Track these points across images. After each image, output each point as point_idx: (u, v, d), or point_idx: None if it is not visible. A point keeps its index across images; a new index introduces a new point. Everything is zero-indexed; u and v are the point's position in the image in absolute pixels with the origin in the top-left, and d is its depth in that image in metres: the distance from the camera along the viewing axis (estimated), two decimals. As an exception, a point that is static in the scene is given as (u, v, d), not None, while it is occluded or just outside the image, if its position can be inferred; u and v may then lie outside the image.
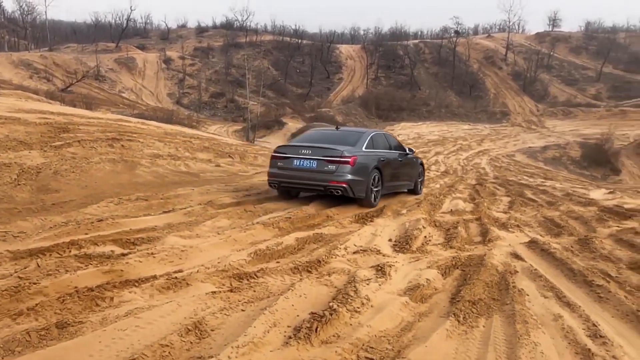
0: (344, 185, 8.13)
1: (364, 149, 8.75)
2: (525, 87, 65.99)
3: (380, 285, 4.50)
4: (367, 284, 4.43)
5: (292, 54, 68.36)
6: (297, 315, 3.73)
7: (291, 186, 8.49)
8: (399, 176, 10.08)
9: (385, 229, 6.86)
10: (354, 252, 5.49)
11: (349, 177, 8.18)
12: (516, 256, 5.71)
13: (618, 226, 7.73)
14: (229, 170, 13.93)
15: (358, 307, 3.95)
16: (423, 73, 70.38)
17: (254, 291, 4.20)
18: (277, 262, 5.03)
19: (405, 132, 46.42)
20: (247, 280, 4.40)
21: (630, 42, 75.06)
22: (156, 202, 7.54)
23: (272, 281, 4.45)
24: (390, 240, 6.34)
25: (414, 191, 11.06)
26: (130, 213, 6.70)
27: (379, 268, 4.90)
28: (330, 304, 3.89)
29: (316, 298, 4.10)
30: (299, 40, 74.72)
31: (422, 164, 11.81)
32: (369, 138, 9.10)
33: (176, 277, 4.24)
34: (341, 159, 8.16)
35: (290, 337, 3.39)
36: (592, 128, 47.69)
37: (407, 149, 10.71)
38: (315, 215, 7.42)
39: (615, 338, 3.73)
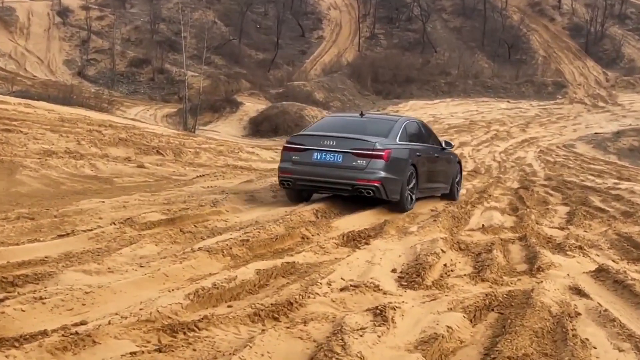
0: (377, 184, 9.42)
1: (397, 140, 10.17)
2: (588, 47, 67.13)
3: (379, 336, 4.50)
4: (361, 336, 4.43)
5: (249, 3, 68.31)
6: (258, 384, 3.71)
7: (309, 185, 9.87)
8: (435, 176, 11.53)
9: (386, 254, 6.90)
10: (342, 289, 5.50)
11: (383, 174, 9.49)
12: (578, 291, 5.78)
13: None
14: (158, 172, 13.88)
15: (348, 370, 3.94)
16: (440, 28, 71.08)
17: (194, 350, 4.16)
18: (229, 307, 5.00)
19: (415, 114, 46.70)
20: (184, 333, 4.37)
21: None
22: (47, 221, 7.45)
23: (221, 334, 4.42)
24: (394, 270, 6.37)
25: (449, 196, 12.41)
26: (8, 239, 6.60)
27: (378, 312, 4.90)
28: (307, 366, 3.88)
29: (286, 357, 4.08)
30: (259, -19, 74.77)
31: (459, 162, 13.15)
32: (402, 127, 10.50)
33: (77, 333, 4.18)
34: (373, 153, 9.50)
35: (247, 417, 3.36)
36: (685, 105, 48.81)
37: (443, 142, 12.00)
38: (285, 235, 7.43)
39: None
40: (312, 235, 7.76)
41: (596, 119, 47.31)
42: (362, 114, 11.10)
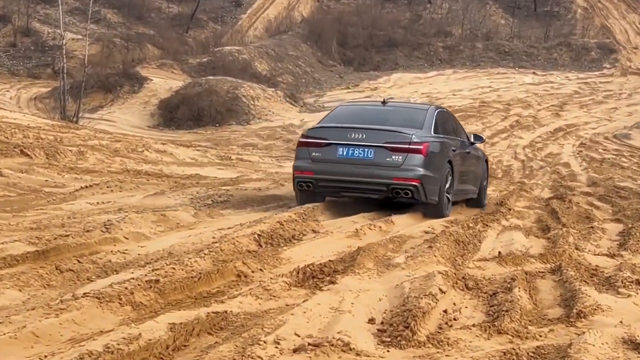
0: (416, 183, 11.45)
1: (432, 132, 12.38)
2: (646, -5, 68.22)
3: (352, 418, 4.51)
4: (325, 417, 4.43)
5: None
6: None
7: (334, 186, 12.00)
8: (466, 176, 13.74)
9: (360, 297, 6.90)
10: (296, 350, 5.48)
11: (422, 172, 11.55)
12: (635, 345, 5.85)
13: None
14: (23, 183, 13.70)
15: None
16: (437, -32, 71.62)
17: None
18: (130, 380, 4.96)
19: (402, 92, 46.91)
20: (63, 421, 4.32)
21: None
22: None
23: (117, 421, 4.39)
24: (371, 321, 6.37)
25: (477, 202, 14.83)
26: None
27: (350, 382, 4.90)
28: None
29: None
30: None
31: (487, 160, 15.86)
32: (435, 117, 12.73)
33: None
34: (410, 147, 11.58)
35: None
36: None
37: (471, 136, 14.63)
38: (212, 273, 7.39)
39: None
40: (253, 272, 7.72)
41: (660, 97, 48.05)
42: (384, 102, 13.32)
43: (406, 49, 57.25)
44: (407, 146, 11.52)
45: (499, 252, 9.47)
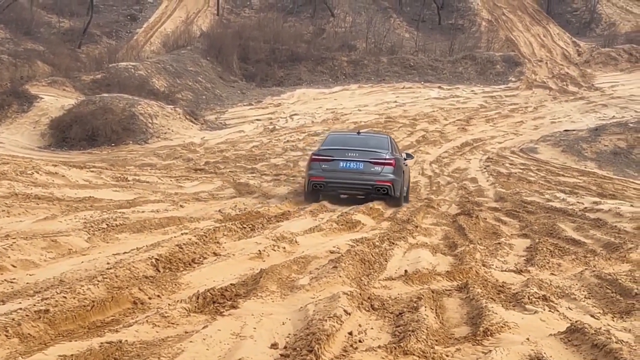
0: (389, 184, 18.70)
1: (393, 152, 19.67)
2: (550, 7, 70.10)
3: None
4: None
5: (45, -59, 67.12)
6: None
7: (338, 186, 19.01)
8: (405, 179, 20.23)
9: (263, 322, 6.88)
10: (195, 380, 5.44)
11: (392, 177, 18.76)
12: (542, 363, 5.97)
13: None
14: None
15: None
16: (339, -20, 72.16)
17: None
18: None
19: (306, 107, 47.08)
20: None
21: None
22: None
23: None
24: (274, 346, 6.35)
25: (405, 198, 20.95)
26: None
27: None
28: None
29: None
30: None
31: (409, 169, 23.55)
32: (391, 142, 20.50)
33: None
34: (385, 162, 18.88)
35: None
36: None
37: (404, 154, 22.05)
38: (106, 301, 7.30)
39: None
40: (150, 299, 7.66)
41: (565, 110, 49.15)
42: (358, 132, 22.29)
43: (310, 63, 57.51)
44: (383, 161, 18.86)
45: (406, 271, 9.61)
